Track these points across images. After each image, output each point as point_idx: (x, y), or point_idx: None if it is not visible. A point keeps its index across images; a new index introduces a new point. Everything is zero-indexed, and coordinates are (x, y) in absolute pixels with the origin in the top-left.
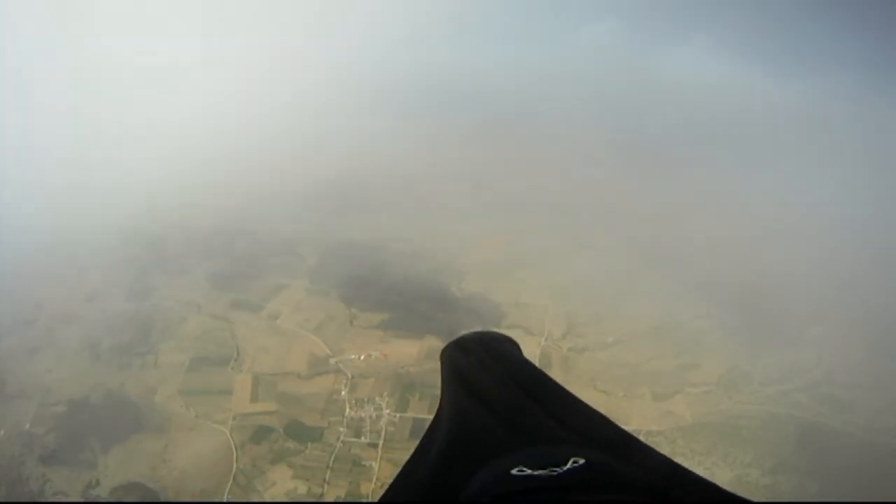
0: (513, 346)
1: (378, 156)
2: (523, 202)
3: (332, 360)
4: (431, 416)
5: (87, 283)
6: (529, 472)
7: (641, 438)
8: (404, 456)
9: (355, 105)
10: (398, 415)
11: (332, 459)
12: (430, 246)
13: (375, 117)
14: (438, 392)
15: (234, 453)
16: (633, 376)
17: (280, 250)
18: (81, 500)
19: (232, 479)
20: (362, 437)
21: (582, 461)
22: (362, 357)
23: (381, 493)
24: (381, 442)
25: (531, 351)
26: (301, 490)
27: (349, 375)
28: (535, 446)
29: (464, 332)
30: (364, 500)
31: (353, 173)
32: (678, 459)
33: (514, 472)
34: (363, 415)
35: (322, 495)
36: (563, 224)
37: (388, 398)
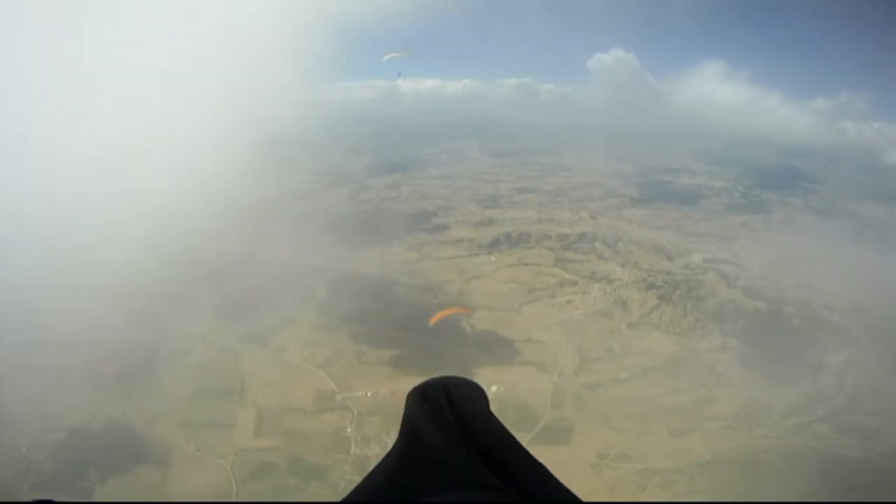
0: (478, 393)
1: (392, 185)
2: (536, 234)
3: (338, 397)
4: None
5: (93, 309)
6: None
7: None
8: None
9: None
10: None
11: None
12: (441, 279)
13: (392, 146)
14: None
15: (235, 489)
16: (648, 412)
17: (289, 282)
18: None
19: None
20: None
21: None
22: (369, 394)
23: None
24: None
25: (544, 388)
26: None
27: (355, 412)
28: (466, 489)
29: (441, 375)
30: None
31: (366, 203)
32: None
33: None
34: (369, 453)
35: None
36: (576, 257)
37: (396, 436)
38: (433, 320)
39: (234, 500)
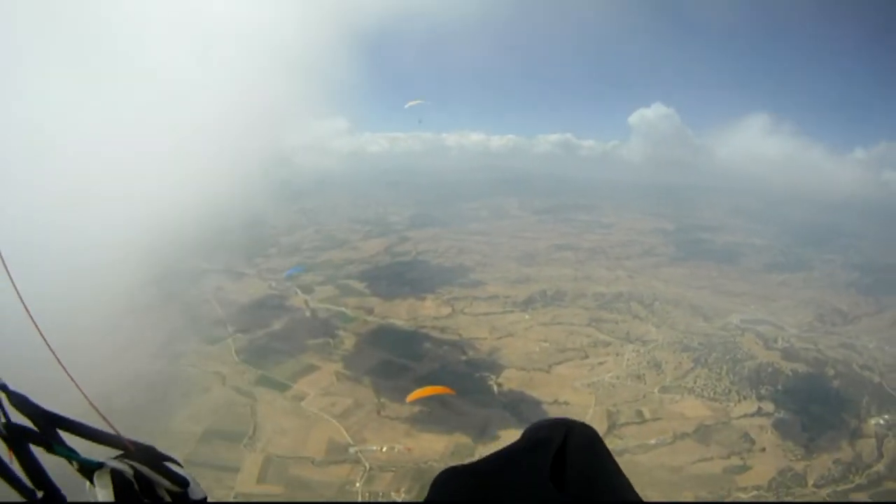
0: (601, 443)
1: (431, 238)
2: (571, 292)
3: (351, 449)
4: None
5: (118, 337)
6: None
7: None
8: None
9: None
10: None
11: None
12: (473, 335)
13: (435, 199)
14: None
15: None
16: (676, 481)
17: (317, 330)
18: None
19: None
20: None
21: None
22: (384, 448)
23: None
24: None
25: None
26: None
27: (367, 466)
28: None
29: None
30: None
31: (403, 254)
32: None
33: None
34: None
35: None
36: (611, 316)
37: (406, 495)
38: (410, 398)
39: None
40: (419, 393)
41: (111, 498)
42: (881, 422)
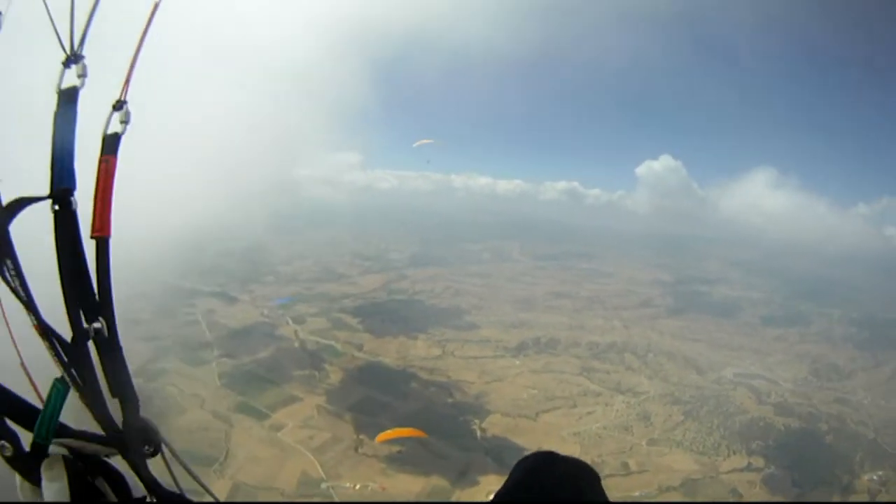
0: (593, 477)
1: (430, 278)
2: (565, 340)
3: (323, 485)
4: None
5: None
6: None
7: None
8: None
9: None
10: None
11: None
12: (461, 378)
13: (437, 239)
14: None
15: None
16: None
17: (303, 361)
18: None
19: None
20: None
21: None
22: (357, 486)
23: None
24: None
25: None
26: None
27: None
28: None
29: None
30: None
31: (400, 292)
32: None
33: None
34: None
35: None
36: (603, 366)
37: None
38: (380, 438)
39: None
40: (389, 434)
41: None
42: (874, 478)
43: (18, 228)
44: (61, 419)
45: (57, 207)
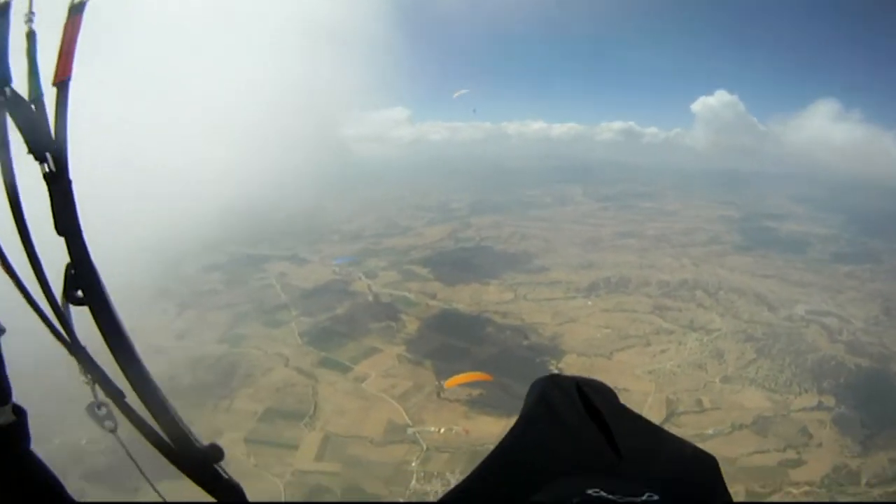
0: (611, 393)
1: (494, 224)
2: (635, 280)
3: (409, 430)
4: None
5: (183, 321)
6: (606, 495)
7: None
8: None
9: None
10: None
11: None
12: (535, 321)
13: (496, 186)
14: None
15: None
16: (729, 472)
17: (380, 314)
18: None
19: None
20: None
21: (656, 498)
22: (442, 430)
23: None
24: None
25: None
26: None
27: (424, 447)
28: (610, 477)
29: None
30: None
31: (466, 241)
32: None
33: (589, 491)
34: (428, 489)
35: None
36: (675, 304)
37: (461, 475)
38: (449, 384)
39: None
40: (458, 379)
41: None
42: None
43: None
44: None
45: None
